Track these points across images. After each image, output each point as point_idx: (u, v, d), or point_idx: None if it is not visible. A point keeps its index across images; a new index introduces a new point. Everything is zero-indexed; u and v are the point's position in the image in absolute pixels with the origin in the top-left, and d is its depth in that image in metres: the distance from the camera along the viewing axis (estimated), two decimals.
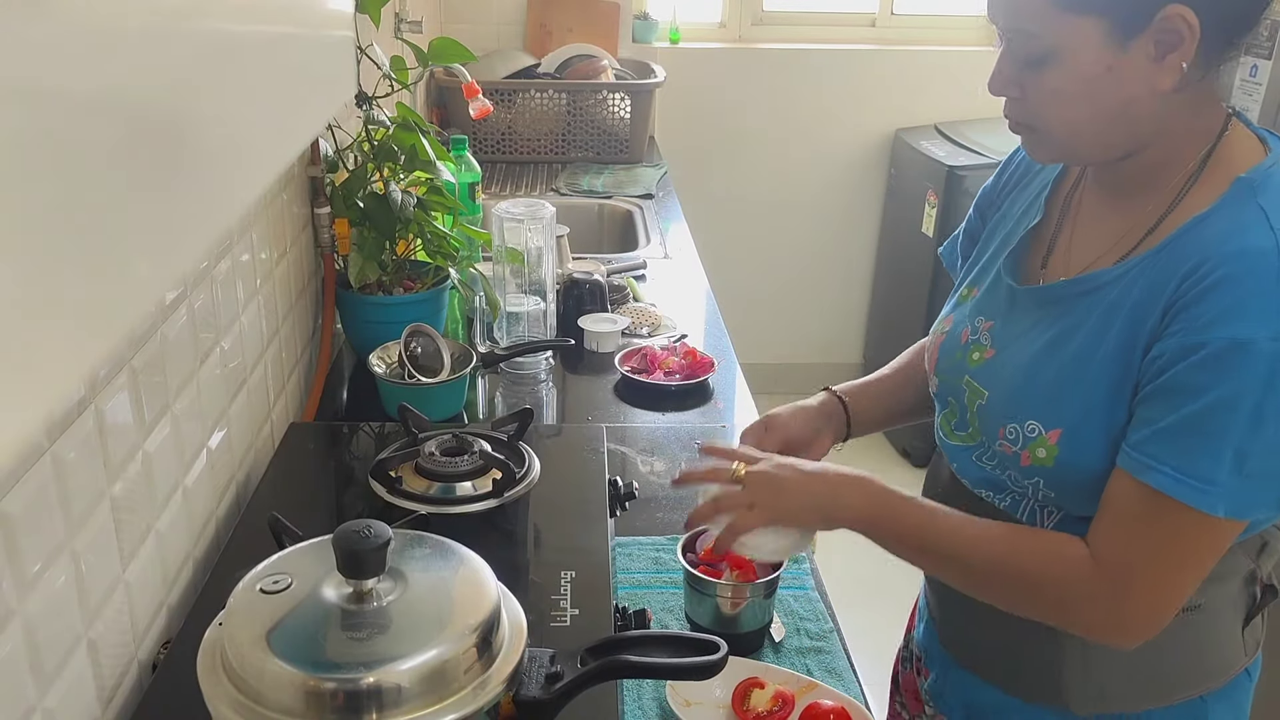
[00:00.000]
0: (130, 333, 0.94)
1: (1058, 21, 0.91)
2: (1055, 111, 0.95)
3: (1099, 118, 0.94)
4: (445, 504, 1.14)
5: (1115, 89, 0.92)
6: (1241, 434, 0.86)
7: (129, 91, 0.47)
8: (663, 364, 1.78)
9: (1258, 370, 0.85)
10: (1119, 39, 0.90)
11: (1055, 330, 1.00)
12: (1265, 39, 1.87)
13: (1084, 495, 0.97)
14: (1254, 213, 0.90)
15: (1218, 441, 0.87)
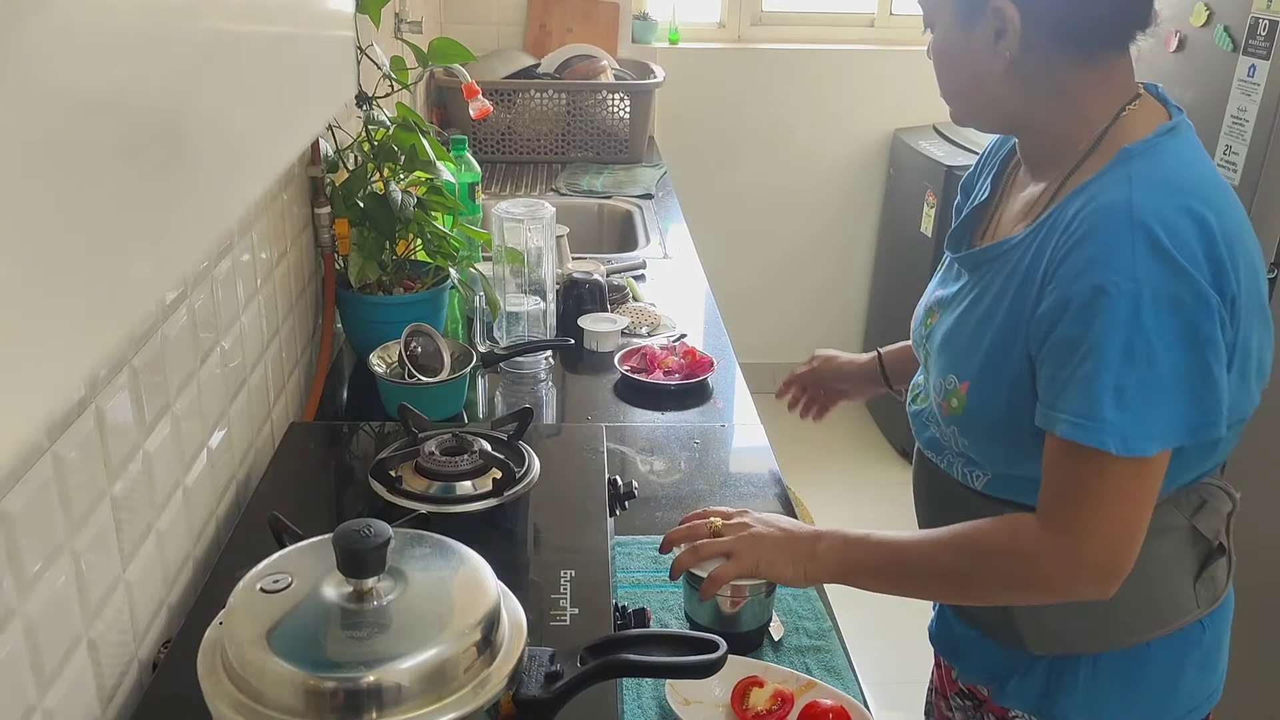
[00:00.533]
0: (130, 332, 0.94)
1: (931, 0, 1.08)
2: (939, 74, 1.11)
3: (963, 86, 1.09)
4: (445, 503, 1.14)
5: (966, 63, 1.06)
6: (1116, 371, 0.95)
7: (129, 91, 0.47)
8: (662, 363, 1.79)
9: (1120, 311, 0.94)
10: (964, 19, 1.04)
11: (975, 293, 1.11)
12: (1264, 39, 1.87)
13: (990, 444, 1.09)
14: (1121, 176, 1.00)
15: (1097, 382, 0.95)
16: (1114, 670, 1.15)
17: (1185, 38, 2.10)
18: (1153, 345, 0.94)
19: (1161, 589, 1.12)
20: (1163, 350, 0.95)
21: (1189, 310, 0.95)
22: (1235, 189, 1.93)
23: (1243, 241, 1.01)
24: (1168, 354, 0.95)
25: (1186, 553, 1.13)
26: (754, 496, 1.48)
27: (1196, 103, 2.07)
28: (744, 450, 1.61)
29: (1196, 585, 1.14)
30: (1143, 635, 1.13)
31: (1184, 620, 1.14)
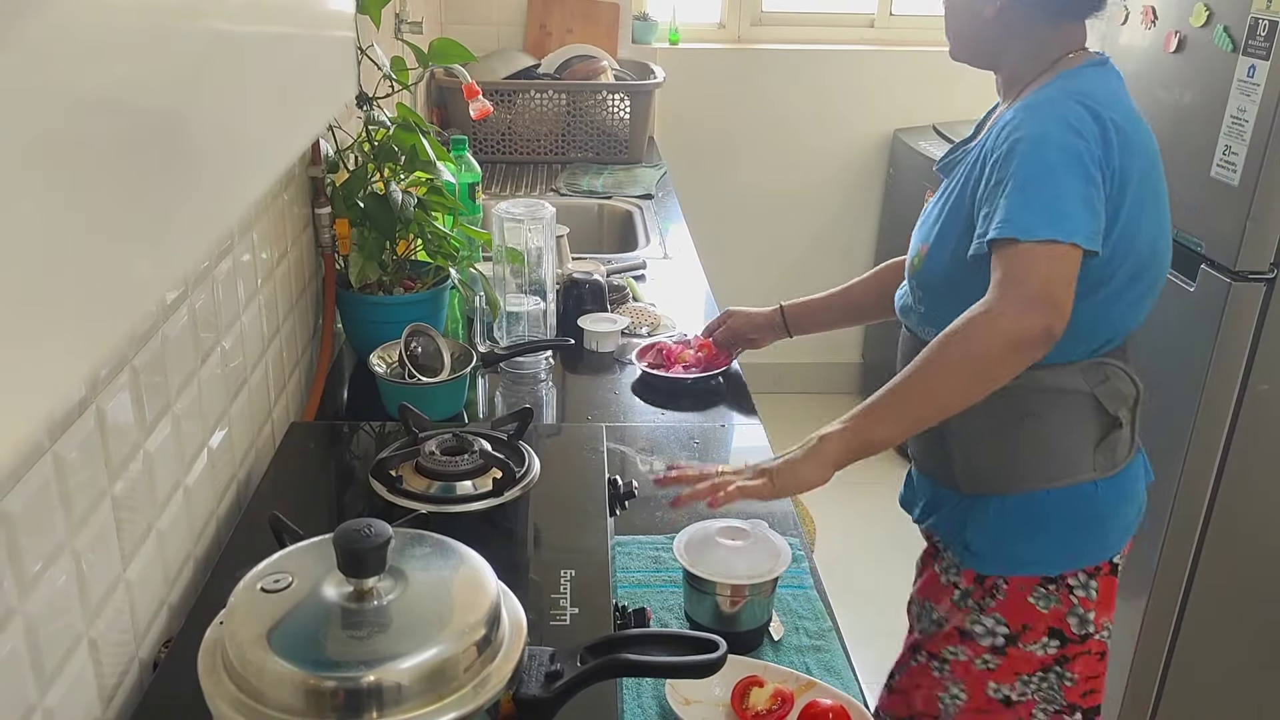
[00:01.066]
0: (131, 332, 0.94)
1: None
2: (948, 19, 1.46)
3: (961, 24, 1.44)
4: (445, 503, 1.15)
5: (969, 7, 1.41)
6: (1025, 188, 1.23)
7: (128, 91, 0.47)
8: (679, 357, 1.79)
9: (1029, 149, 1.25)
10: None
11: (944, 186, 1.45)
12: (1263, 39, 1.87)
13: (938, 298, 1.38)
14: (1050, 85, 1.34)
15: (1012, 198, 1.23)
16: (1016, 511, 1.39)
17: (1185, 38, 2.10)
18: (1053, 167, 1.23)
19: (1061, 445, 1.37)
20: (1061, 170, 1.23)
21: (1081, 155, 1.24)
22: (1234, 189, 1.93)
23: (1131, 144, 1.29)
24: (1066, 175, 1.23)
25: (1089, 419, 1.37)
26: None
27: (1196, 103, 2.07)
28: (744, 450, 1.61)
29: (1095, 451, 1.38)
30: (1043, 483, 1.38)
31: (1079, 478, 1.38)
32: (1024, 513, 1.39)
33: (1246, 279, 1.96)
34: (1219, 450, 2.05)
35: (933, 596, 1.50)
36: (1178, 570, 2.13)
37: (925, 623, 1.51)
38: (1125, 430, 1.39)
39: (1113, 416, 1.37)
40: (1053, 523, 1.39)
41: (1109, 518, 1.41)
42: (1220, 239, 1.99)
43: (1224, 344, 1.99)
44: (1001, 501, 1.40)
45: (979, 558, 1.42)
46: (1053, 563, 1.39)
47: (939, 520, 1.48)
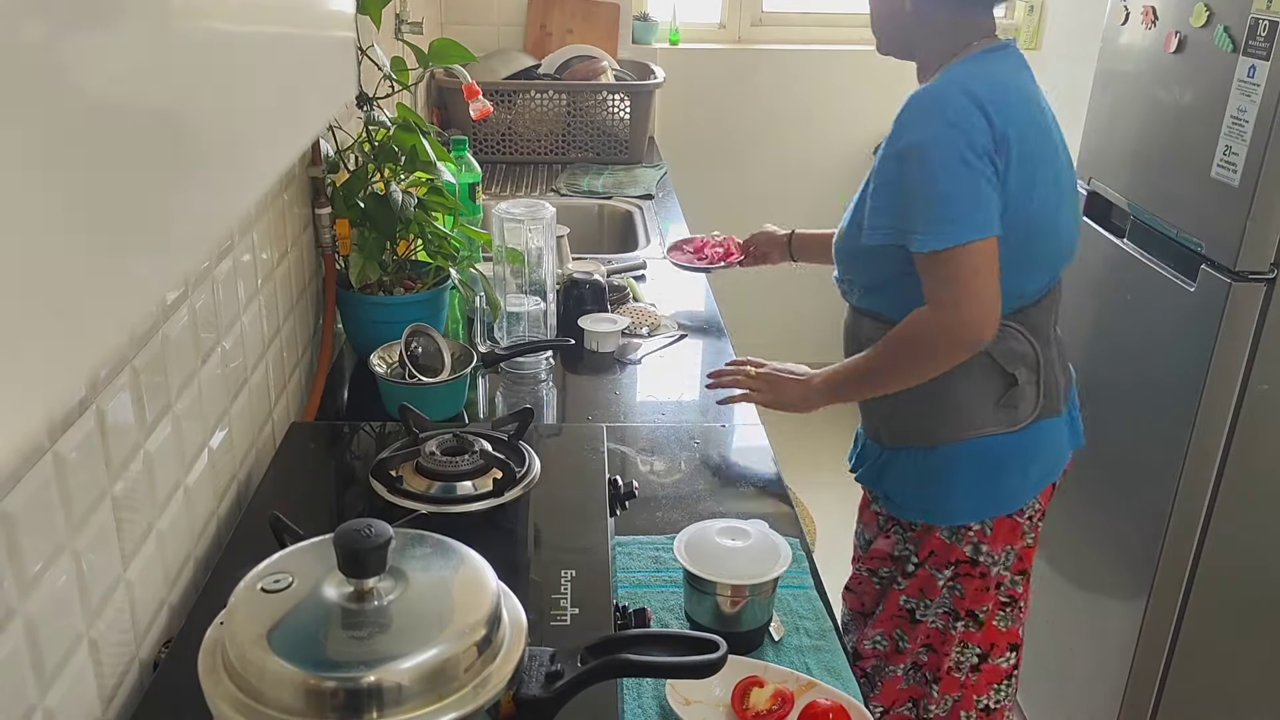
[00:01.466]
0: (131, 333, 0.94)
1: None
2: (873, 19, 1.57)
3: (886, 23, 1.56)
4: (446, 503, 1.15)
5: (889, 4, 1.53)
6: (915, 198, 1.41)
7: (129, 91, 0.47)
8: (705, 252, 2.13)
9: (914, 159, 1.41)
10: None
11: None
12: (1264, 40, 1.87)
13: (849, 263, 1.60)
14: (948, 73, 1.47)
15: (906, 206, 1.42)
16: (927, 464, 1.56)
17: (1185, 38, 2.10)
18: (936, 176, 1.39)
19: (964, 402, 1.52)
20: (943, 179, 1.39)
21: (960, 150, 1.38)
22: (1234, 189, 1.93)
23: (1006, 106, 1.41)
24: (946, 181, 1.39)
25: (988, 377, 1.51)
26: (754, 496, 1.48)
27: (1196, 103, 2.07)
28: (744, 450, 1.61)
29: (996, 407, 1.52)
30: (950, 437, 1.53)
31: (982, 431, 1.52)
32: (934, 465, 1.55)
33: (1247, 279, 1.96)
34: (1219, 450, 2.05)
35: (865, 520, 1.76)
36: (1178, 570, 2.13)
37: (860, 540, 1.77)
38: (1027, 389, 1.53)
39: (1010, 374, 1.51)
40: (959, 474, 1.54)
41: (1012, 471, 1.55)
42: (1220, 239, 1.99)
43: (1224, 344, 1.99)
44: (913, 454, 1.57)
45: (897, 506, 1.61)
46: (959, 514, 1.56)
47: (864, 471, 1.67)
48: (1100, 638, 2.32)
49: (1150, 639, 2.19)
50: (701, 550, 1.22)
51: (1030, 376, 1.52)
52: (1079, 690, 2.39)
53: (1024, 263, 1.46)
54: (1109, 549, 2.28)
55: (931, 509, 1.57)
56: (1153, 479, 2.13)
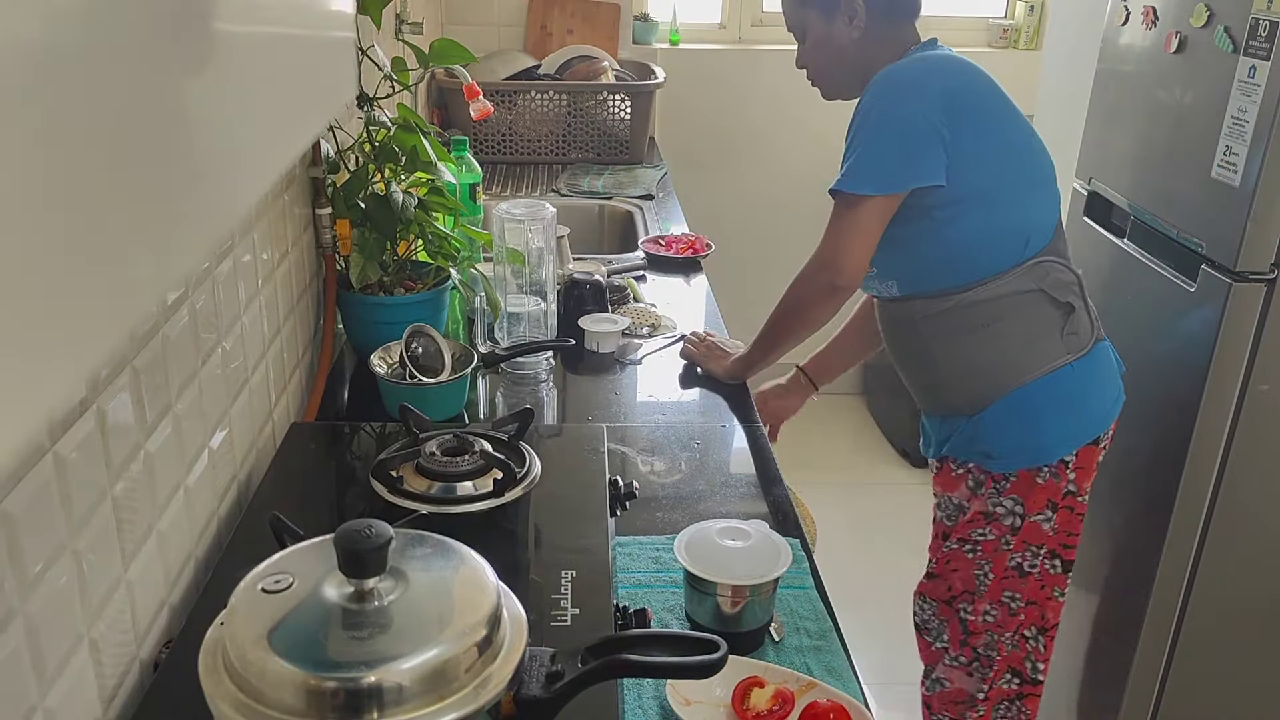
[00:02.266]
0: (132, 333, 0.94)
1: (800, 13, 1.71)
2: (817, 68, 1.73)
3: (830, 64, 1.71)
4: (446, 503, 1.15)
5: (834, 46, 1.69)
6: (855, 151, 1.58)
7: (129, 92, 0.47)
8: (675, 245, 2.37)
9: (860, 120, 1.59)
10: (826, 17, 1.68)
11: None
12: (1264, 40, 1.87)
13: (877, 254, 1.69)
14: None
15: (846, 161, 1.60)
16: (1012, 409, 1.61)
17: (1185, 38, 2.10)
18: (874, 132, 1.56)
19: (1030, 339, 1.61)
20: (882, 134, 1.56)
21: (904, 112, 1.55)
22: (1235, 190, 1.93)
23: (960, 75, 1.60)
24: (885, 138, 1.56)
25: (1046, 311, 1.61)
26: (754, 496, 1.48)
27: (1197, 104, 2.07)
28: (744, 450, 1.61)
29: (1062, 337, 1.61)
30: (1027, 376, 1.60)
31: (1056, 363, 1.61)
32: (1019, 408, 1.61)
33: (1247, 279, 1.96)
34: (1220, 450, 2.05)
35: (948, 488, 1.73)
36: (1179, 570, 2.13)
37: (948, 510, 1.74)
38: (1081, 313, 1.63)
39: (1065, 303, 1.62)
40: (1045, 408, 1.61)
41: (1091, 393, 1.66)
42: (1221, 239, 1.99)
43: (1225, 344, 1.99)
44: (1002, 405, 1.62)
45: (1000, 461, 1.64)
46: (1058, 446, 1.62)
47: (954, 445, 1.69)
48: (1101, 637, 2.32)
49: (1151, 639, 2.19)
50: (702, 550, 1.22)
51: (1080, 303, 1.63)
52: (1079, 690, 2.39)
53: (1037, 199, 1.61)
54: (1109, 548, 2.28)
55: (1033, 450, 1.62)
56: (1153, 479, 2.13)
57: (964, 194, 1.57)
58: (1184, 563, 2.13)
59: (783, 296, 1.75)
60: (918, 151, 1.55)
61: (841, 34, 1.67)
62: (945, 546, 1.74)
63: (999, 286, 1.60)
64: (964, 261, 1.61)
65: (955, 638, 1.76)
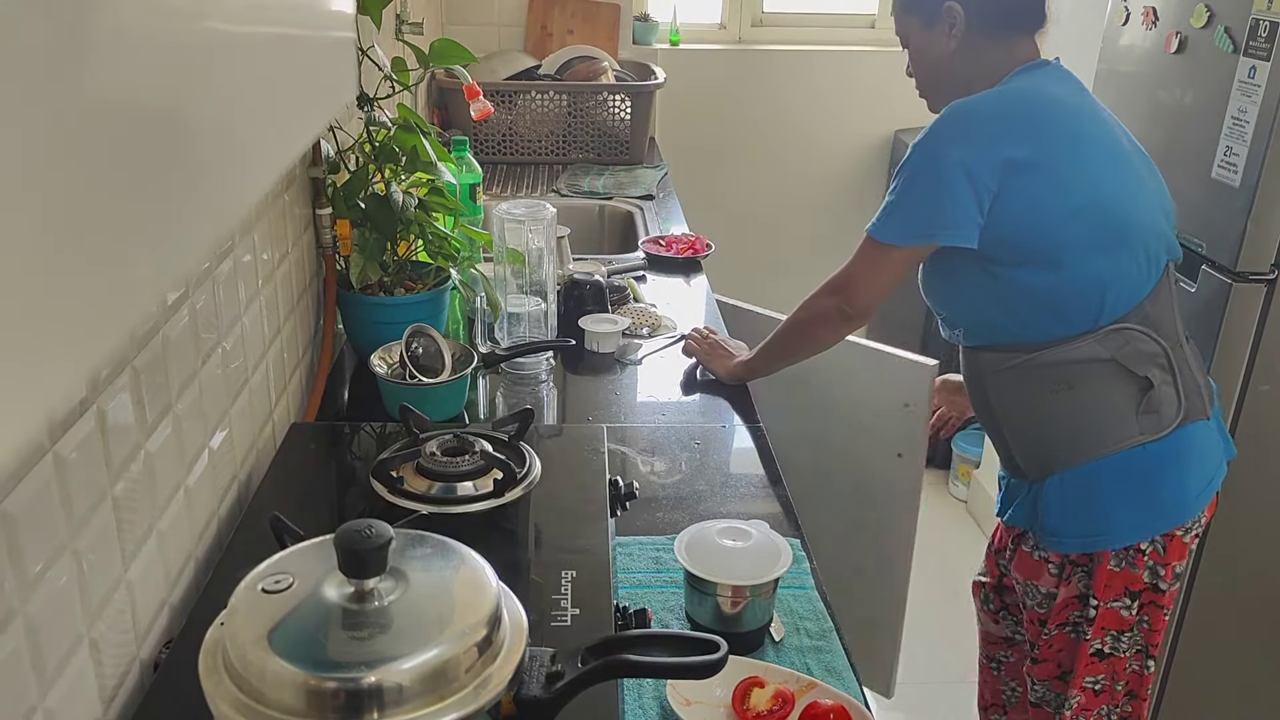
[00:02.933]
0: (132, 333, 0.94)
1: (903, 20, 1.63)
2: (919, 77, 1.65)
3: (933, 72, 1.62)
4: (446, 504, 1.15)
5: (932, 56, 1.60)
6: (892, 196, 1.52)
7: (130, 92, 0.47)
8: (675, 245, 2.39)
9: (905, 163, 1.51)
10: (927, 24, 1.59)
11: None
12: (1264, 40, 1.87)
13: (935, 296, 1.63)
14: None
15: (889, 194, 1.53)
16: (1076, 483, 1.51)
17: (1186, 39, 2.10)
18: (910, 177, 1.49)
19: (1102, 412, 1.49)
20: (917, 181, 1.49)
21: (944, 159, 1.45)
22: (1235, 190, 1.93)
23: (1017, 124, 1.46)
24: (919, 186, 1.48)
25: (1123, 385, 1.48)
26: (755, 497, 1.48)
27: (1197, 104, 2.07)
28: (744, 450, 1.61)
29: (1139, 415, 1.49)
30: (1095, 452, 1.49)
31: (1127, 443, 1.49)
32: (1087, 485, 1.50)
33: (1247, 280, 1.96)
34: None
35: (1032, 575, 1.60)
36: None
37: (1037, 598, 1.61)
38: (1165, 389, 1.48)
39: (1143, 377, 1.47)
40: (1114, 490, 1.49)
41: (1168, 480, 1.50)
42: (1221, 240, 1.99)
43: (1225, 345, 1.99)
44: (1062, 478, 1.52)
45: (1057, 538, 1.54)
46: (1122, 532, 1.50)
47: (1016, 511, 1.61)
48: None
49: None
50: (702, 551, 1.22)
51: (1165, 378, 1.49)
52: None
53: (1117, 263, 1.45)
54: None
55: (1093, 533, 1.51)
56: None
57: (1020, 248, 1.46)
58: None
59: (794, 311, 1.71)
60: (948, 208, 1.45)
61: (940, 44, 1.57)
62: (1045, 634, 1.60)
63: (1069, 351, 1.48)
64: (1028, 319, 1.49)
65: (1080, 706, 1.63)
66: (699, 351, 1.84)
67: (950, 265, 1.52)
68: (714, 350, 1.83)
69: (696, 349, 1.84)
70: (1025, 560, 1.61)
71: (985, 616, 1.87)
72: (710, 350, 1.83)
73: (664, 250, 2.38)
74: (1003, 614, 1.84)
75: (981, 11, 1.53)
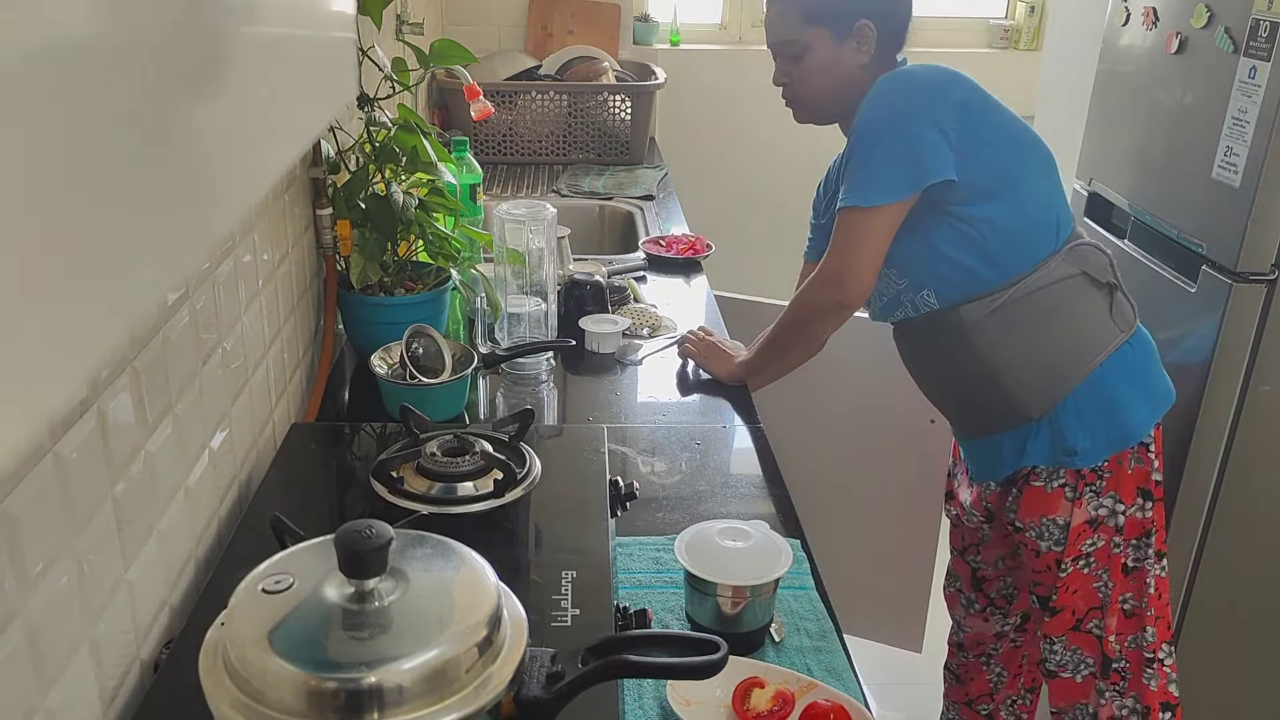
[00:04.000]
0: (132, 333, 0.94)
1: (805, 31, 1.67)
2: (810, 87, 1.69)
3: (831, 87, 1.67)
4: (446, 504, 1.14)
5: (839, 68, 1.65)
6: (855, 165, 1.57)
7: (130, 93, 0.47)
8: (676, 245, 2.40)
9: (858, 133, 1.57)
10: (838, 39, 1.64)
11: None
12: (1264, 41, 1.87)
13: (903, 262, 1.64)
14: None
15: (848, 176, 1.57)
16: (1087, 398, 1.57)
17: (1186, 39, 2.10)
18: (875, 140, 1.54)
19: (1087, 324, 1.57)
20: (884, 140, 1.53)
21: (903, 115, 1.53)
22: (1235, 190, 1.93)
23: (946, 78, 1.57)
24: (889, 143, 1.53)
25: (1093, 295, 1.58)
26: (755, 497, 1.48)
27: (1197, 104, 2.07)
28: (745, 450, 1.61)
29: (1112, 318, 1.59)
30: (1092, 362, 1.56)
31: (1115, 343, 1.58)
32: (1097, 394, 1.57)
33: (1248, 280, 1.96)
34: (1220, 451, 2.05)
35: (1047, 509, 1.62)
36: (1179, 571, 2.13)
37: (1054, 534, 1.62)
38: (1120, 296, 1.61)
39: (1106, 284, 1.59)
40: (1119, 390, 1.58)
41: (1152, 369, 1.63)
42: (1221, 240, 1.99)
43: (1225, 345, 1.99)
44: (1075, 398, 1.57)
45: (1085, 455, 1.58)
46: (1142, 422, 1.59)
47: (1033, 453, 1.62)
48: None
49: None
50: (702, 551, 1.22)
51: (1117, 284, 1.61)
52: None
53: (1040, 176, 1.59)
54: None
55: (1120, 434, 1.58)
56: None
57: (985, 185, 1.54)
58: (1185, 563, 2.13)
59: (785, 310, 1.72)
60: (925, 150, 1.52)
61: (849, 58, 1.63)
62: (1061, 573, 1.63)
63: (1046, 274, 1.57)
64: (1004, 254, 1.57)
65: (1098, 659, 1.67)
66: (696, 354, 1.84)
67: (919, 223, 1.57)
68: (712, 351, 1.82)
69: (694, 351, 1.84)
70: (1037, 497, 1.63)
71: (973, 620, 1.91)
72: (708, 352, 1.83)
73: (664, 251, 2.38)
74: (990, 609, 1.89)
75: (888, 29, 1.64)
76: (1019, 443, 1.63)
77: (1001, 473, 1.69)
